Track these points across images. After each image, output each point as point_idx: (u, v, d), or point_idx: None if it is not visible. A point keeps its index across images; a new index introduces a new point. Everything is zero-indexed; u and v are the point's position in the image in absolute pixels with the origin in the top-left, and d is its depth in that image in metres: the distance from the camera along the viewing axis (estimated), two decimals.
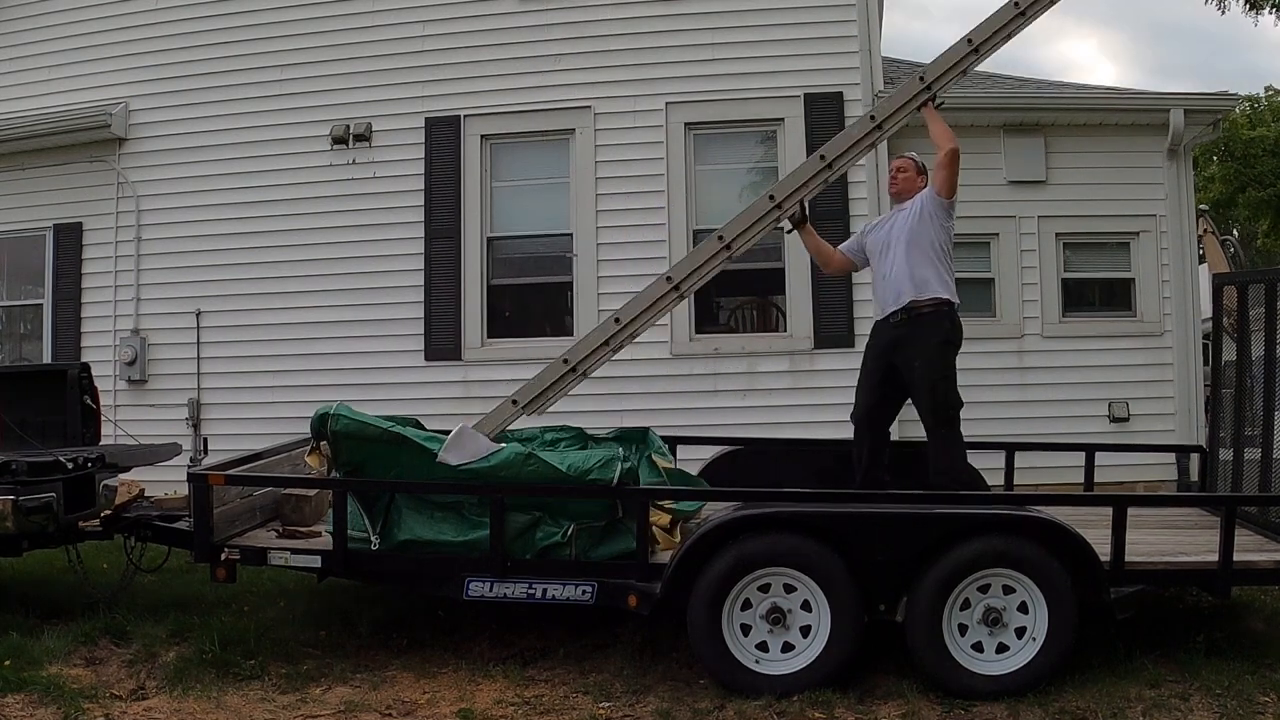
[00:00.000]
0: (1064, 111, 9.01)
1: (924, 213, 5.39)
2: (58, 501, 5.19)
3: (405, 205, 9.10)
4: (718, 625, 4.44)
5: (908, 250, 5.37)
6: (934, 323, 5.35)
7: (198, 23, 9.49)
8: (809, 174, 5.18)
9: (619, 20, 9.00)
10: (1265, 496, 5.30)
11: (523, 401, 5.10)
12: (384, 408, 5.84)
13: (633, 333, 5.23)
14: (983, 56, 5.27)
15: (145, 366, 9.39)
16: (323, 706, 4.43)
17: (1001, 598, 4.43)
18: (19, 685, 4.54)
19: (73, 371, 6.38)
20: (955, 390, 5.37)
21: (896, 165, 5.70)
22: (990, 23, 5.23)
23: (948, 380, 5.36)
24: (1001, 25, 5.23)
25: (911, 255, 5.35)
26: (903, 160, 5.69)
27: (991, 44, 5.26)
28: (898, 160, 5.72)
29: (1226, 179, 22.18)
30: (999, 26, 5.23)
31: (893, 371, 5.46)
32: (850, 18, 8.77)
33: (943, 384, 5.33)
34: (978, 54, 5.21)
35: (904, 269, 5.36)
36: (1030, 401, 8.67)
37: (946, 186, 5.35)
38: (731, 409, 8.45)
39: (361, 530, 4.76)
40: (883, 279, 5.50)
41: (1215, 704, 4.27)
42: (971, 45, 5.21)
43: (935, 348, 5.33)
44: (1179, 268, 8.86)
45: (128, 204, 9.52)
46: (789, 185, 5.17)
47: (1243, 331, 5.69)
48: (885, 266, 5.49)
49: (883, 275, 5.51)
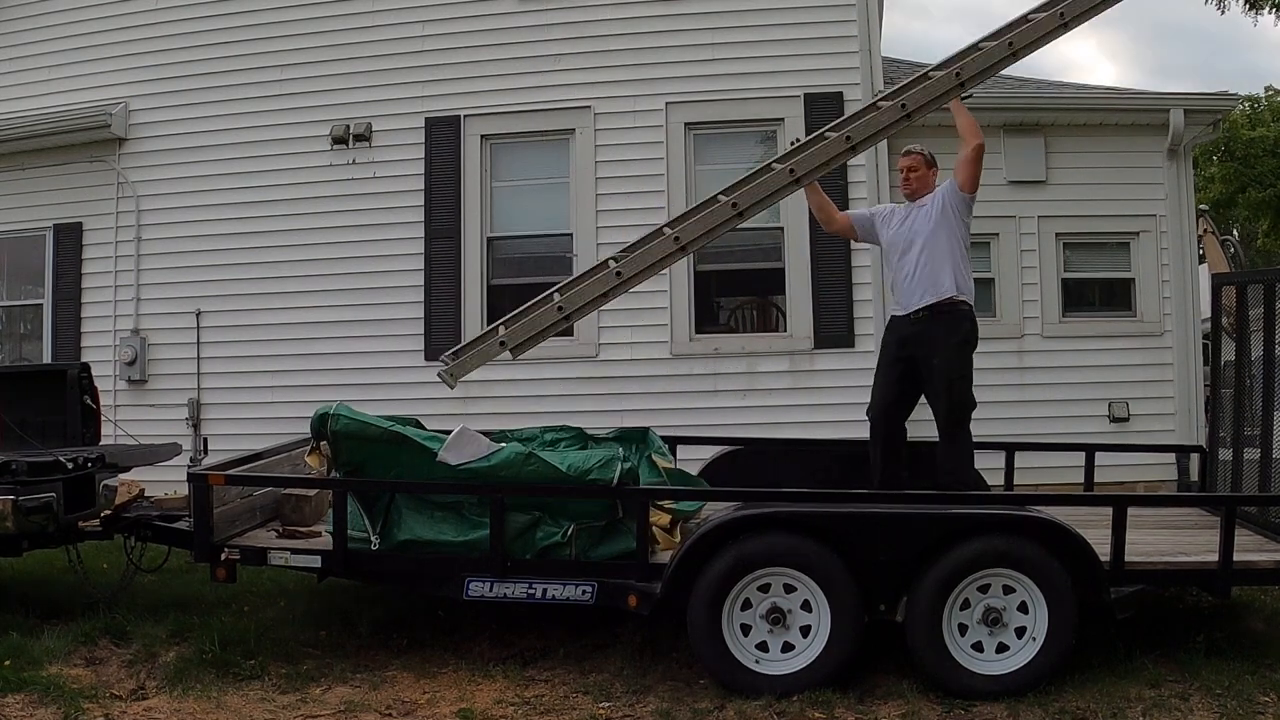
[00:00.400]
0: (1064, 111, 9.01)
1: (946, 208, 5.38)
2: (58, 501, 5.19)
3: (405, 205, 9.10)
4: (718, 625, 4.44)
5: (932, 250, 5.36)
6: (954, 322, 5.36)
7: (198, 23, 9.48)
8: (833, 153, 5.11)
9: (619, 20, 8.99)
10: (1265, 496, 5.30)
11: (510, 344, 5.05)
12: (384, 408, 5.84)
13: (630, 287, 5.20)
14: (1018, 60, 5.26)
15: (145, 366, 9.39)
16: (323, 706, 4.43)
17: (1001, 598, 4.43)
18: (19, 685, 4.54)
19: (73, 371, 6.38)
20: (971, 391, 5.39)
21: (907, 165, 5.57)
22: (1032, 29, 5.15)
23: (965, 380, 5.37)
24: (1044, 33, 5.19)
25: (936, 255, 5.35)
26: (912, 158, 5.56)
27: (1029, 50, 5.23)
28: (907, 159, 5.58)
29: (1226, 179, 22.17)
30: (1040, 34, 5.18)
31: (911, 366, 5.46)
32: (850, 18, 8.76)
33: (960, 383, 5.35)
34: (1015, 58, 5.20)
35: (928, 269, 5.35)
36: (1030, 401, 8.66)
37: (972, 181, 5.36)
38: (731, 409, 8.44)
39: (361, 530, 4.76)
40: (907, 278, 5.45)
41: (1215, 704, 4.27)
42: (1011, 49, 5.14)
43: (955, 347, 5.35)
44: (1179, 268, 8.86)
45: (128, 204, 9.52)
46: (810, 162, 5.11)
47: (1242, 331, 5.70)
48: (908, 265, 5.45)
49: (906, 274, 5.46)
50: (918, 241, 5.43)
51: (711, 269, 9.06)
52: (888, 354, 5.63)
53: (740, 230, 8.46)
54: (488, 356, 5.14)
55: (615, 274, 5.10)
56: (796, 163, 5.05)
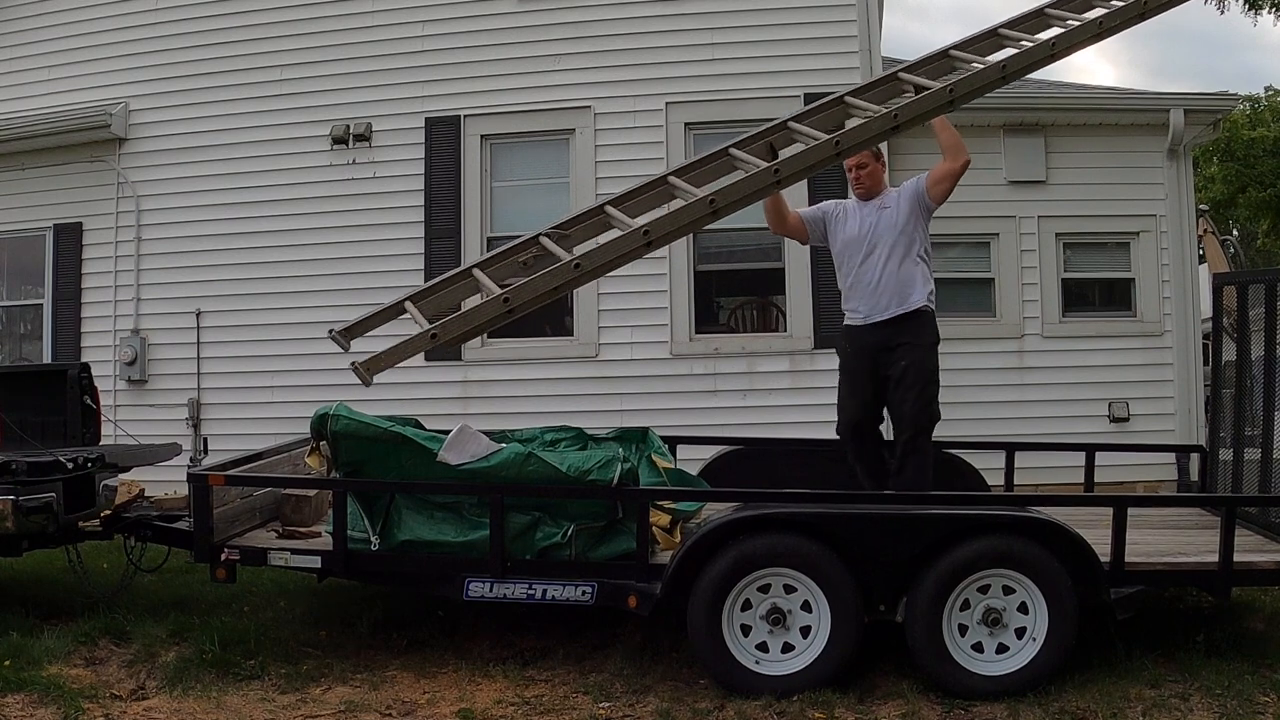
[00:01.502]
0: (1064, 111, 9.01)
1: (914, 215, 5.23)
2: (58, 501, 5.18)
3: (405, 205, 9.10)
4: (718, 625, 4.44)
5: (901, 258, 5.20)
6: (921, 325, 5.23)
7: (198, 23, 9.47)
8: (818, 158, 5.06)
9: (619, 20, 8.99)
10: (1265, 497, 5.30)
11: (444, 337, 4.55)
12: (384, 408, 5.84)
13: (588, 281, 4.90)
14: (1009, 82, 5.29)
15: (145, 366, 9.39)
16: (323, 706, 4.43)
17: (1001, 598, 4.43)
18: (19, 685, 4.54)
19: (73, 371, 6.38)
20: (938, 399, 5.25)
21: (855, 163, 5.26)
22: (1024, 56, 5.18)
23: (936, 384, 5.24)
24: (1033, 61, 5.21)
25: (904, 262, 5.20)
26: (860, 155, 5.20)
27: (1020, 75, 5.27)
28: (855, 157, 5.23)
29: (1227, 179, 22.14)
30: (1031, 62, 5.20)
31: (876, 375, 5.27)
32: (850, 18, 8.77)
33: (931, 387, 5.22)
34: (1005, 81, 5.23)
35: (896, 278, 5.19)
36: (1030, 401, 8.67)
37: (946, 196, 5.24)
38: (731, 409, 8.44)
39: (361, 530, 4.76)
40: (870, 285, 5.24)
41: (1215, 704, 4.27)
42: (1003, 72, 5.16)
43: (926, 348, 5.22)
44: (1179, 268, 8.86)
45: (128, 204, 9.51)
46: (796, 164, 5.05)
47: (1243, 331, 5.70)
48: (872, 271, 5.24)
49: (870, 281, 5.24)
50: (881, 247, 5.22)
51: (712, 269, 9.06)
52: (850, 365, 5.38)
53: (741, 230, 8.55)
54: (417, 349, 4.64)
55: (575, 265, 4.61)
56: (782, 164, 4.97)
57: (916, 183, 5.31)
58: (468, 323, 4.57)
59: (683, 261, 8.74)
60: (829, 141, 4.92)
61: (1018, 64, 5.18)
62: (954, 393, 7.89)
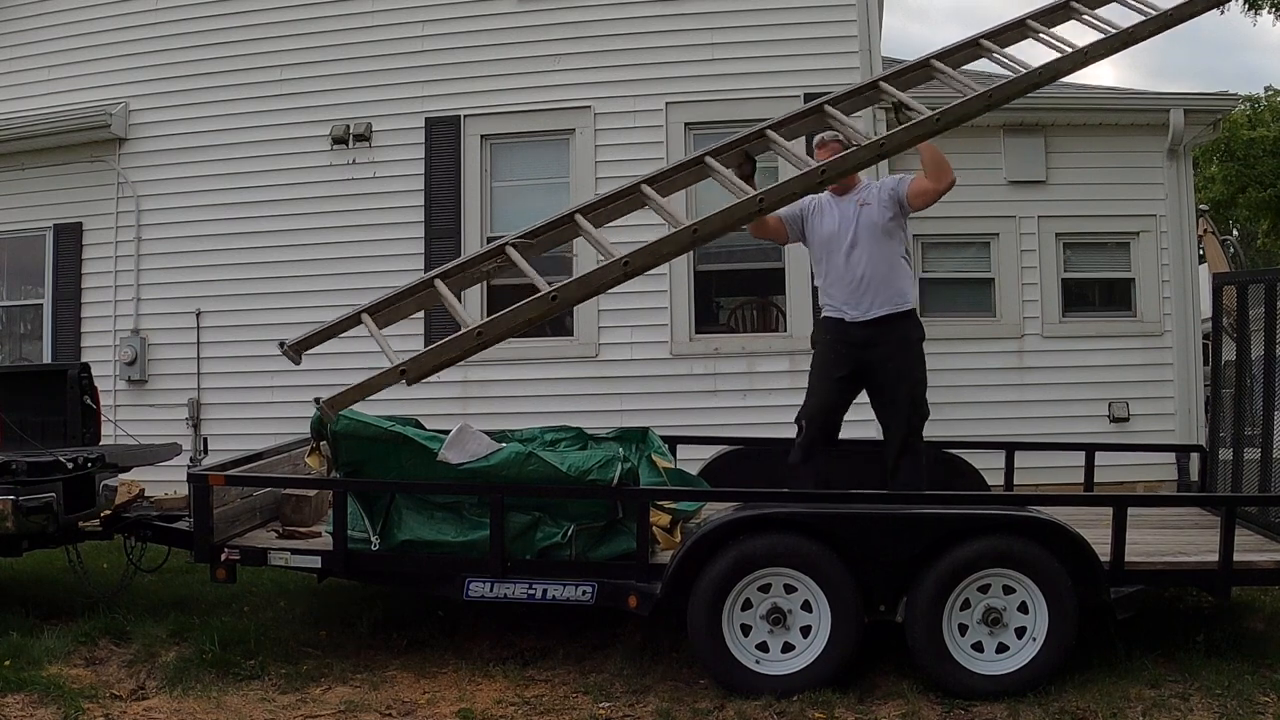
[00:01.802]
0: (1064, 111, 9.01)
1: (895, 216, 5.22)
2: (58, 501, 5.19)
3: (405, 205, 9.10)
4: (718, 625, 4.44)
5: (885, 255, 5.19)
6: (907, 325, 5.23)
7: (198, 23, 9.47)
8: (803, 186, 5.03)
9: (619, 20, 9.00)
10: (1265, 496, 5.30)
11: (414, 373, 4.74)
12: (384, 408, 5.83)
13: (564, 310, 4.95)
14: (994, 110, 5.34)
15: (145, 366, 9.39)
16: (323, 706, 4.43)
17: (1001, 598, 4.43)
18: (19, 685, 4.54)
19: (73, 371, 6.38)
20: (926, 396, 5.26)
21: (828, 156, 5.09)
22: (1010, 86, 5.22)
23: (924, 383, 5.26)
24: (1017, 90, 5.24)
25: (888, 259, 5.19)
26: (831, 148, 5.16)
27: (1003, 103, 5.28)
28: (826, 150, 5.18)
29: (1227, 179, 22.14)
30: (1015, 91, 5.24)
31: (858, 373, 5.25)
32: (850, 18, 8.77)
33: (921, 385, 5.23)
34: (990, 110, 5.27)
35: (881, 276, 5.18)
36: (1030, 401, 8.67)
37: (925, 209, 5.24)
38: (731, 409, 8.43)
39: (361, 530, 4.76)
40: (855, 281, 5.20)
41: (1215, 704, 4.27)
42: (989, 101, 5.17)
43: (913, 349, 5.23)
44: (1179, 268, 8.87)
45: (128, 204, 9.51)
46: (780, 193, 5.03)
47: (1243, 331, 5.70)
48: (856, 267, 5.20)
49: (854, 278, 5.20)
50: (863, 244, 5.19)
51: (711, 269, 9.06)
52: (828, 357, 5.32)
53: (740, 230, 8.52)
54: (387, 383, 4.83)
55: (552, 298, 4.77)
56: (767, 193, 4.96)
57: (898, 185, 5.27)
58: (439, 356, 4.75)
59: (683, 262, 8.73)
60: (815, 171, 4.94)
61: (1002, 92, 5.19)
62: (954, 393, 7.96)
